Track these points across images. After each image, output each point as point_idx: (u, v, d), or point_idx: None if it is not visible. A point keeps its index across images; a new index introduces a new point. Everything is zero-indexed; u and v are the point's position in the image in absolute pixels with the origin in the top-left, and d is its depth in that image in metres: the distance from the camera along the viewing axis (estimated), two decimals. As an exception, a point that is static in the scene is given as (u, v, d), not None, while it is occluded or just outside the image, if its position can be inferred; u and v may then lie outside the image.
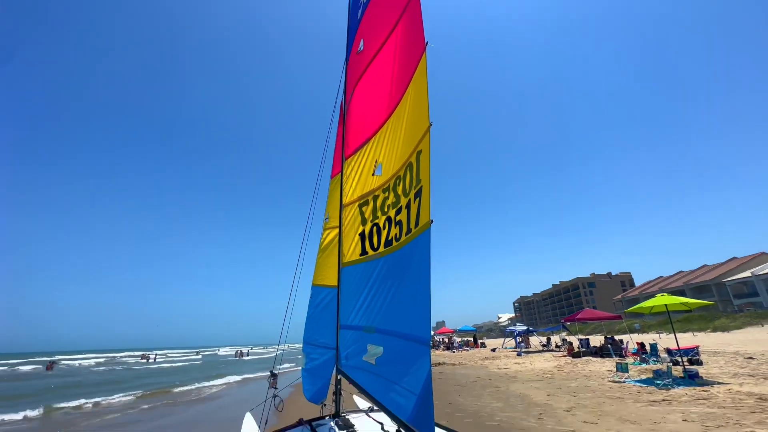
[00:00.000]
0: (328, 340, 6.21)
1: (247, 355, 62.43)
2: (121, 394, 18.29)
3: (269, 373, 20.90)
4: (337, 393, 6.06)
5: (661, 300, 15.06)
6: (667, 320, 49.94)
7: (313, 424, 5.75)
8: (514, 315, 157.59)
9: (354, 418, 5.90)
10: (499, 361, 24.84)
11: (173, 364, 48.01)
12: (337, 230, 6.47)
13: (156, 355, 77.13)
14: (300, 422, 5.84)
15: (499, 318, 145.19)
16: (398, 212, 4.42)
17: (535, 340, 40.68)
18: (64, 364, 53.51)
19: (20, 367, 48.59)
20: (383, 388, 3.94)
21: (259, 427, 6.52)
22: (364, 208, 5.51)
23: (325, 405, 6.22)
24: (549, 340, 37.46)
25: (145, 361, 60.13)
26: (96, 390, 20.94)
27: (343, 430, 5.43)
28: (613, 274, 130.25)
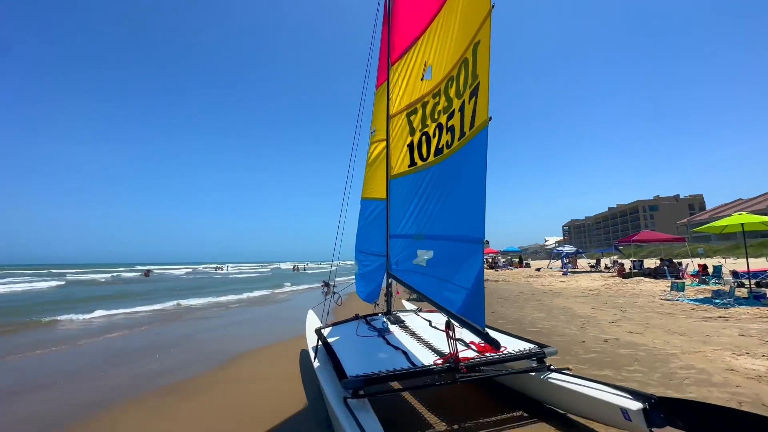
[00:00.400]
0: (378, 249, 6.59)
1: (304, 270, 69.28)
2: (216, 297, 21.62)
3: (323, 283, 23.15)
4: (388, 294, 6.63)
5: (738, 219, 13.67)
6: (737, 246, 46.01)
7: (368, 318, 6.46)
8: (562, 238, 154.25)
9: (404, 316, 6.52)
10: (544, 279, 25.24)
11: (247, 275, 54.96)
12: (384, 143, 6.40)
13: (228, 267, 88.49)
14: (356, 317, 6.58)
15: (546, 241, 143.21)
16: (450, 117, 4.21)
17: (583, 262, 40.19)
18: (156, 273, 63.45)
19: (122, 274, 58.48)
20: (434, 286, 4.22)
21: (321, 320, 7.48)
22: (412, 117, 5.31)
23: (377, 304, 6.89)
24: (598, 261, 36.81)
25: (221, 271, 69.53)
26: (192, 292, 24.99)
27: (395, 324, 6.05)
28: (681, 196, 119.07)
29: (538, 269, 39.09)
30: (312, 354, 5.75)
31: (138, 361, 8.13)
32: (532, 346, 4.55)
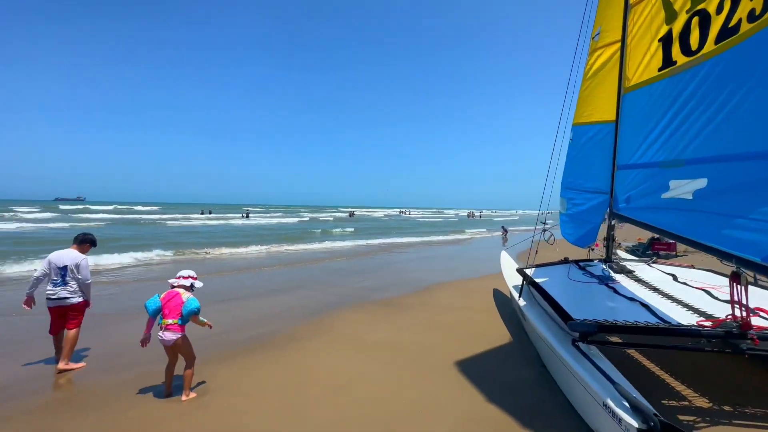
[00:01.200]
0: (596, 184, 5.48)
1: (480, 217, 69.23)
2: (403, 237, 24.53)
3: (502, 228, 22.19)
4: (609, 239, 5.55)
5: None
6: None
7: (581, 263, 5.65)
8: None
9: (632, 266, 5.37)
10: None
11: (429, 219, 59.17)
12: (614, 47, 5.00)
13: (410, 211, 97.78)
14: (565, 260, 5.87)
15: None
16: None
17: None
18: (358, 214, 76.12)
19: (228, 215, 51.63)
20: (709, 225, 3.11)
21: (516, 261, 7.09)
22: (673, -5, 3.81)
23: (592, 249, 5.92)
24: None
25: (405, 215, 77.77)
26: (386, 231, 29.10)
27: (620, 273, 5.06)
28: None
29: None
30: (514, 293, 5.54)
31: (352, 278, 10.03)
32: None
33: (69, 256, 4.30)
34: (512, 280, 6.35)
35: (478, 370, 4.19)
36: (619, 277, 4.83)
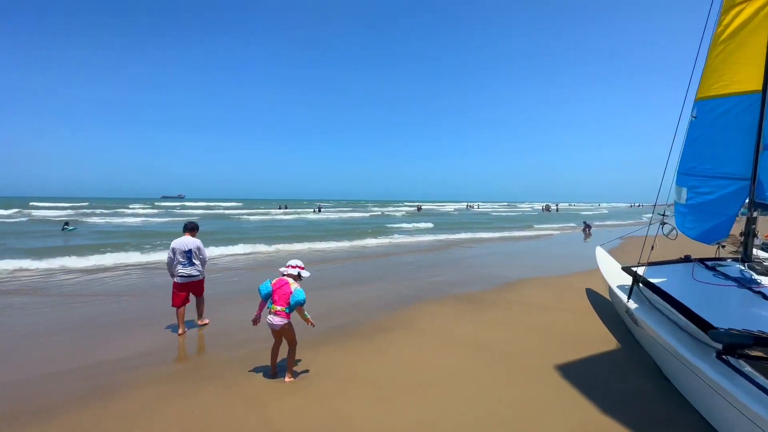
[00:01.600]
0: (731, 169, 4.60)
1: (556, 210, 64.04)
2: (476, 233, 23.73)
3: (584, 224, 20.11)
4: (748, 234, 4.64)
5: None
6: None
7: (709, 263, 4.83)
8: None
9: None
10: None
11: (504, 213, 56.29)
12: (760, 0, 4.10)
13: (478, 205, 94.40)
14: (686, 258, 5.07)
15: None
16: None
17: None
18: (425, 208, 75.57)
19: (300, 210, 51.29)
20: None
21: (638, 261, 6.30)
22: None
23: (722, 246, 5.02)
24: None
25: (472, 209, 75.32)
26: (456, 227, 28.47)
27: (765, 275, 4.20)
28: None
29: None
30: (620, 293, 4.93)
31: (427, 272, 9.90)
32: None
33: (189, 241, 5.11)
34: (615, 279, 5.67)
35: (583, 376, 3.80)
36: (765, 280, 3.99)
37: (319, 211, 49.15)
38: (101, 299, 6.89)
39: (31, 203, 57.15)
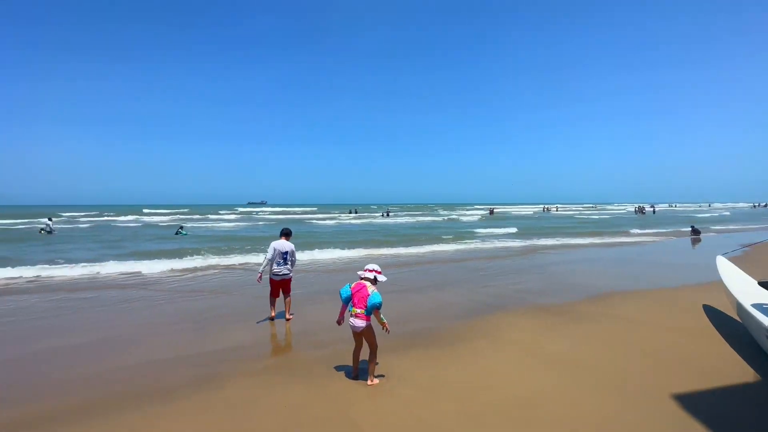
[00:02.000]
0: None
1: (653, 212, 56.19)
2: (562, 239, 21.98)
3: (691, 229, 17.26)
4: None
5: None
6: None
7: None
8: None
9: None
10: None
11: (589, 216, 50.25)
12: None
13: (557, 207, 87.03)
14: None
15: None
16: None
17: None
18: (497, 211, 71.89)
19: (368, 214, 52.22)
20: None
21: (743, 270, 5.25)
22: None
23: None
24: None
25: (548, 212, 69.82)
26: (537, 231, 26.70)
27: None
28: None
29: None
30: (756, 314, 4.09)
31: (507, 278, 9.32)
32: None
33: (286, 244, 5.90)
34: (746, 295, 4.74)
35: (715, 414, 3.18)
36: None
37: (387, 215, 49.88)
38: (203, 295, 7.81)
39: (144, 210, 67.82)
